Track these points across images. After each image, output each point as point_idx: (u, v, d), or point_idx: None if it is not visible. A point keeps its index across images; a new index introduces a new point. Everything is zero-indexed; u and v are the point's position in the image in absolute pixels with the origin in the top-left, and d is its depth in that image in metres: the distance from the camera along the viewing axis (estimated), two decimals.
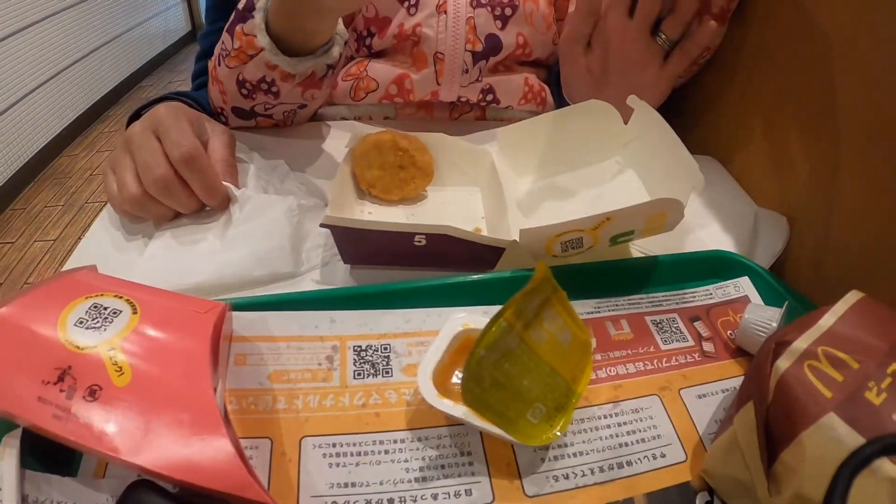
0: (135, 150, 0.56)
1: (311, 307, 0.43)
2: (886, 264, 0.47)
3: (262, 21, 0.60)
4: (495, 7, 0.72)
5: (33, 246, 2.82)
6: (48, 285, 0.37)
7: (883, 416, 0.28)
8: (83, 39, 3.85)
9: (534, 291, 0.35)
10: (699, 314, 0.48)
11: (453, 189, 0.60)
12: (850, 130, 0.51)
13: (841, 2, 0.52)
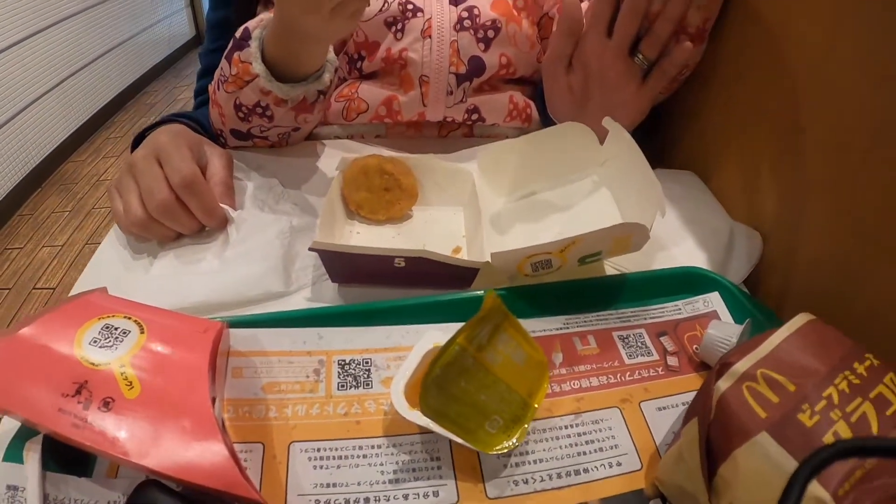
0: (138, 175, 0.60)
1: (301, 324, 0.47)
2: (852, 280, 0.50)
3: (258, 49, 0.64)
4: (478, 30, 0.74)
5: (41, 251, 2.85)
6: (64, 307, 0.41)
7: (813, 437, 0.31)
8: (88, 46, 3.87)
9: (485, 318, 0.39)
10: (666, 329, 0.51)
11: (437, 208, 0.64)
12: (817, 153, 0.54)
13: (810, 30, 0.55)
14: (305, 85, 0.66)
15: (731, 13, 0.67)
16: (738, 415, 0.33)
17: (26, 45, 3.31)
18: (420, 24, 0.73)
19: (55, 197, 3.29)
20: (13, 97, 3.18)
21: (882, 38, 0.46)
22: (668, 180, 0.70)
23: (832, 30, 0.52)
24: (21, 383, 0.36)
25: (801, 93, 0.56)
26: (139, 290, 0.51)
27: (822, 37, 0.53)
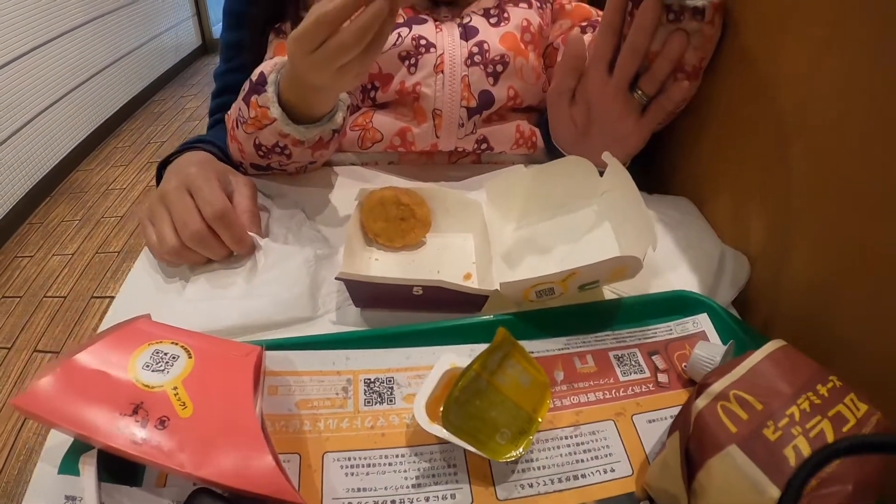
0: (171, 206, 0.66)
1: (330, 347, 0.53)
2: (830, 305, 0.55)
3: (274, 94, 0.68)
4: (488, 65, 0.79)
5: (51, 260, 2.89)
6: (114, 334, 0.46)
7: (776, 449, 0.36)
8: (96, 56, 3.92)
9: (496, 348, 0.45)
10: (658, 349, 0.56)
11: (449, 235, 0.69)
12: (801, 186, 0.58)
13: (795, 69, 0.59)
14: (320, 126, 0.71)
15: (725, 52, 0.70)
16: (712, 429, 0.38)
17: (36, 56, 3.35)
18: (433, 60, 0.77)
19: (65, 206, 3.33)
20: (23, 107, 3.23)
21: (862, 78, 0.50)
22: (665, 206, 0.76)
23: (815, 68, 0.56)
24: (80, 404, 0.41)
25: (786, 128, 0.60)
26: (175, 313, 0.56)
27: (806, 75, 0.57)
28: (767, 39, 0.63)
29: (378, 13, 0.56)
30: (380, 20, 0.57)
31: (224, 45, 0.99)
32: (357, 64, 0.60)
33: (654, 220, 0.59)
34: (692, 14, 0.66)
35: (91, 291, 2.65)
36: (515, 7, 0.83)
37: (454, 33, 0.79)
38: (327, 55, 0.58)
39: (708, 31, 0.68)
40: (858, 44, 0.50)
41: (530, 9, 0.83)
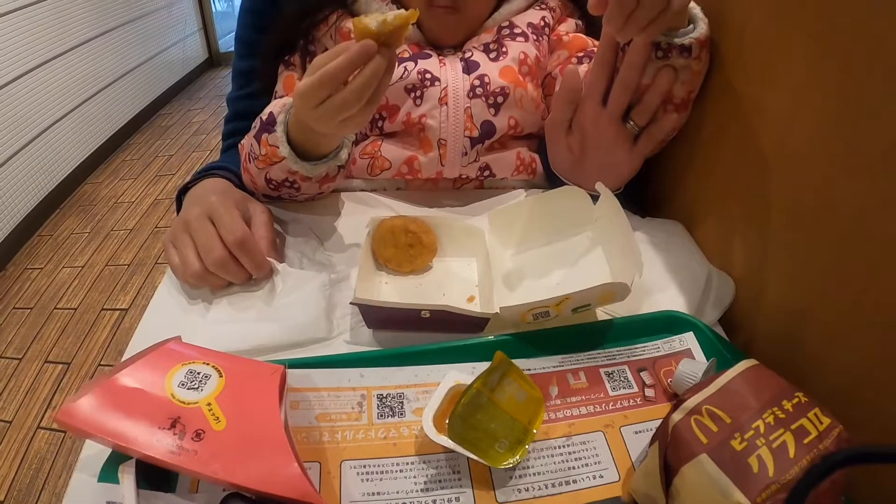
0: (194, 233, 0.71)
1: (345, 366, 0.58)
2: (804, 324, 0.59)
3: (283, 133, 0.74)
4: (489, 97, 0.83)
5: (62, 272, 2.93)
6: (150, 355, 0.52)
7: (741, 458, 0.41)
8: (105, 70, 3.98)
9: (495, 368, 0.51)
10: (646, 365, 0.61)
11: (453, 260, 0.74)
12: (779, 215, 0.63)
13: (775, 106, 0.63)
14: (326, 162, 0.77)
15: (712, 85, 0.75)
16: (686, 440, 0.43)
17: (46, 69, 3.40)
18: (437, 93, 0.82)
19: (74, 218, 3.37)
20: (34, 120, 3.28)
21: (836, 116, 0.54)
22: (657, 229, 0.81)
23: (795, 105, 0.60)
24: (121, 419, 0.46)
25: (767, 160, 0.64)
26: (201, 334, 0.62)
27: (787, 111, 0.61)
28: (751, 76, 0.67)
29: (376, 71, 0.62)
30: (378, 78, 0.63)
31: (236, 72, 1.05)
32: (358, 116, 0.66)
33: (640, 249, 0.63)
34: (679, 51, 0.70)
35: (101, 304, 2.69)
36: (513, 41, 0.87)
37: (457, 67, 0.84)
38: (331, 110, 0.64)
39: (695, 67, 0.72)
40: (833, 84, 0.54)
41: (527, 42, 0.87)
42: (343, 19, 0.88)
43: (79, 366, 2.38)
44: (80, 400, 0.47)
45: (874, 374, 0.51)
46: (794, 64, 0.59)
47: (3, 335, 2.58)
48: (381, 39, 0.61)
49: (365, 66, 0.62)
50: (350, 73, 0.62)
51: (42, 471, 2.00)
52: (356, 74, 0.62)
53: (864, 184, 0.51)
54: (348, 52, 0.61)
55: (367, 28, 0.60)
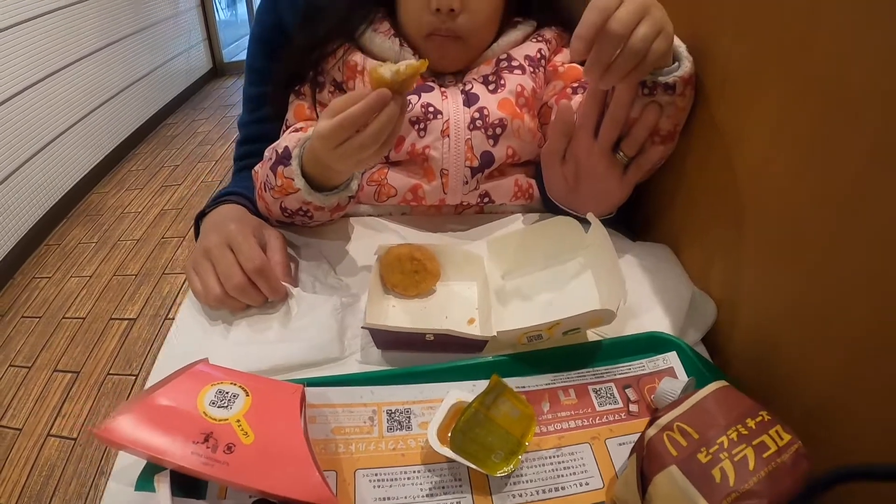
0: (214, 260, 0.77)
1: (358, 384, 0.65)
2: (779, 346, 0.64)
3: (298, 167, 0.79)
4: (488, 128, 0.88)
5: (69, 281, 2.97)
6: (182, 377, 0.57)
7: (705, 470, 0.46)
8: (111, 81, 4.04)
9: (491, 390, 0.57)
10: (631, 383, 0.66)
11: (455, 284, 0.79)
12: (755, 243, 0.67)
13: (754, 142, 0.67)
14: (338, 193, 0.83)
15: (696, 119, 0.79)
16: (658, 453, 0.49)
17: (53, 80, 3.45)
18: (440, 125, 0.87)
19: (81, 228, 3.42)
20: (41, 131, 3.33)
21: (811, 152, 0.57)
22: (646, 252, 0.86)
23: (771, 143, 0.63)
24: (158, 434, 0.52)
25: (744, 191, 0.69)
26: (224, 355, 0.67)
27: (764, 146, 0.65)
28: (733, 111, 0.71)
29: (391, 117, 0.69)
30: (393, 122, 0.70)
31: (246, 98, 1.11)
32: (374, 155, 0.73)
33: (629, 271, 0.69)
34: (664, 89, 0.74)
35: (109, 313, 2.74)
36: (511, 74, 0.92)
37: (458, 100, 0.89)
38: (350, 151, 0.71)
39: (679, 103, 0.76)
40: (806, 122, 0.58)
41: (524, 74, 0.92)
42: (350, 53, 0.93)
43: (87, 375, 2.42)
44: (119, 418, 0.53)
45: (837, 397, 0.56)
46: (772, 102, 0.63)
47: (12, 343, 2.63)
48: (394, 87, 0.68)
49: (381, 112, 0.69)
50: (368, 119, 0.69)
51: (52, 478, 2.04)
52: (372, 118, 0.69)
53: (833, 218, 0.55)
54: (366, 100, 0.68)
55: (382, 77, 0.67)
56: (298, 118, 0.98)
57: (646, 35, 0.67)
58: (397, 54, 0.91)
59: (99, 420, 2.22)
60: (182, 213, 3.49)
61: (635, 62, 0.68)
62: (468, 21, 0.88)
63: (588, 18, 0.66)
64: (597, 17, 0.65)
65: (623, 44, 0.67)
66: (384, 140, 0.71)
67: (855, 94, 0.51)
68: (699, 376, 0.64)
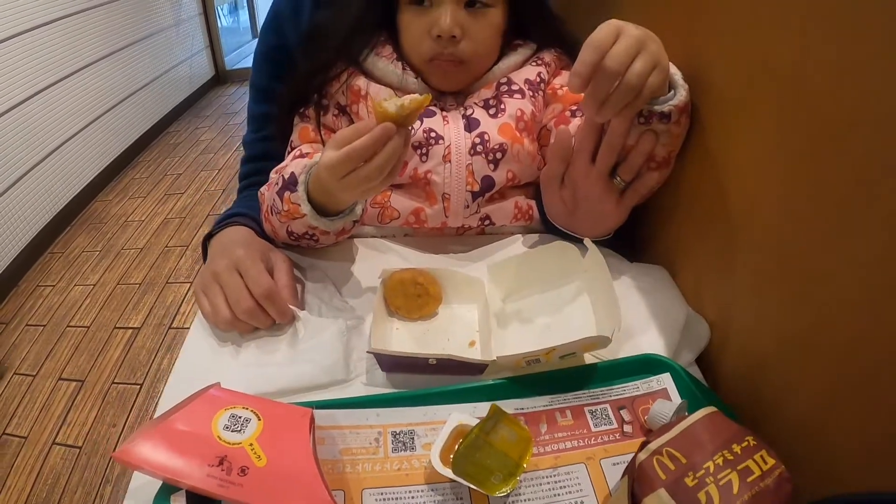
0: (224, 284, 0.80)
1: (364, 406, 0.67)
2: (766, 369, 0.67)
3: (304, 192, 0.81)
4: (488, 153, 0.90)
5: (74, 290, 2.99)
6: (195, 403, 0.60)
7: (692, 493, 0.49)
8: (114, 89, 4.08)
9: (490, 417, 0.60)
10: (625, 404, 0.69)
11: (457, 306, 0.82)
12: (749, 264, 0.69)
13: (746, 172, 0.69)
14: (343, 218, 0.85)
15: (691, 144, 0.81)
16: (648, 476, 0.51)
17: (58, 88, 3.49)
18: (441, 151, 0.90)
19: (85, 236, 3.44)
20: (45, 139, 3.36)
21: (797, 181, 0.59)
22: (642, 273, 0.88)
23: (762, 171, 0.66)
24: (175, 456, 0.55)
25: (736, 218, 0.71)
26: (235, 377, 0.70)
27: (756, 175, 0.67)
28: (726, 138, 0.73)
29: (395, 150, 0.72)
30: (397, 155, 0.73)
31: (251, 116, 1.14)
32: (378, 186, 0.76)
33: (625, 293, 0.72)
34: (660, 118, 0.76)
35: (114, 322, 2.76)
36: (511, 98, 0.94)
37: (459, 125, 0.92)
38: (355, 182, 0.74)
39: (675, 131, 0.78)
40: (796, 152, 0.59)
41: (524, 99, 0.95)
42: (354, 77, 0.95)
43: (92, 383, 2.45)
44: (138, 441, 0.56)
45: (822, 419, 0.59)
46: (764, 130, 0.65)
47: (17, 351, 2.65)
48: (398, 121, 0.71)
49: (385, 145, 0.71)
50: (373, 152, 0.72)
51: (58, 486, 2.07)
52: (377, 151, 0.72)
53: (819, 246, 0.57)
54: (371, 134, 0.71)
55: (386, 112, 0.70)
56: (303, 140, 1.00)
57: (641, 71, 0.69)
58: (400, 78, 0.94)
59: (104, 429, 2.25)
60: (185, 223, 3.52)
61: (630, 97, 0.71)
62: (469, 46, 0.90)
63: (585, 56, 0.68)
64: (593, 55, 0.68)
65: (619, 80, 0.69)
66: (388, 172, 0.74)
67: (842, 124, 0.53)
68: (692, 398, 0.67)
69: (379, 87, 0.94)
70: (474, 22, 0.90)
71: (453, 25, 0.87)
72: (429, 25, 0.89)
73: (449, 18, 0.87)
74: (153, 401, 2.35)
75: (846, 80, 0.53)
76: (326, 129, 1.00)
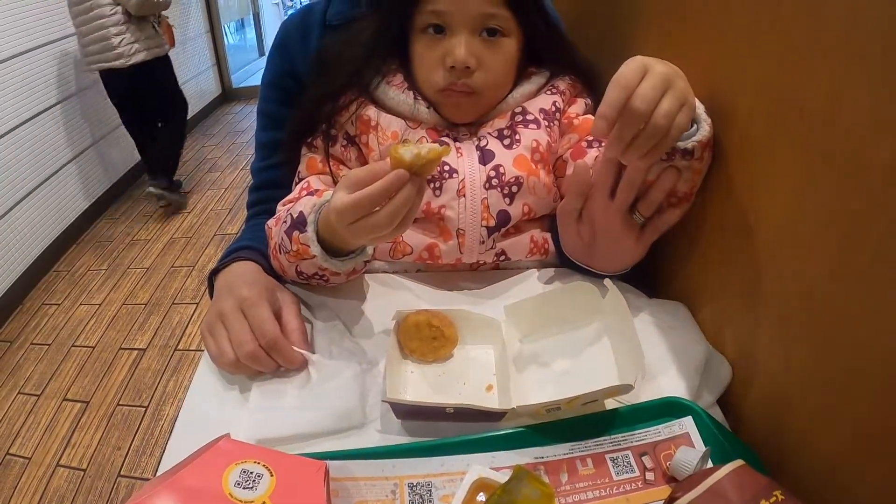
0: (228, 326, 0.78)
1: (379, 457, 0.65)
2: (790, 411, 0.65)
3: (314, 233, 0.79)
4: (503, 187, 0.88)
5: (79, 309, 3.00)
6: (204, 457, 0.58)
7: None
8: None
9: (514, 478, 0.58)
10: (647, 450, 0.67)
11: (472, 348, 0.80)
12: (773, 305, 0.67)
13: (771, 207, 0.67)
14: (353, 258, 0.83)
15: (714, 179, 0.79)
16: None
17: (66, 105, 3.53)
18: (455, 185, 0.88)
19: (90, 255, 3.46)
20: (52, 156, 3.42)
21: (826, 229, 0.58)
22: (662, 311, 0.86)
23: (788, 211, 0.64)
24: None
25: (759, 257, 0.69)
26: (243, 423, 0.69)
27: (781, 215, 0.65)
28: (751, 175, 0.71)
29: (407, 200, 0.69)
30: (408, 205, 0.70)
31: (259, 144, 1.11)
32: (389, 235, 0.73)
33: (645, 331, 0.71)
34: (682, 154, 0.74)
35: (119, 343, 2.76)
36: (526, 129, 0.93)
37: (473, 158, 0.90)
38: (364, 230, 0.71)
39: (697, 166, 0.76)
40: (826, 194, 0.58)
41: (539, 129, 0.93)
42: (364, 107, 0.94)
43: (97, 405, 2.44)
44: (145, 497, 0.54)
45: (848, 468, 0.57)
46: (791, 170, 0.63)
47: (21, 370, 2.66)
48: (412, 169, 0.68)
49: (397, 195, 0.69)
50: (384, 200, 0.69)
51: None
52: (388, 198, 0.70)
53: (848, 291, 0.55)
54: (383, 182, 0.68)
55: (402, 159, 0.67)
56: (311, 171, 0.98)
57: (668, 111, 0.67)
58: (412, 108, 0.92)
59: (109, 452, 2.24)
60: (192, 242, 3.52)
61: (658, 139, 0.69)
62: (483, 77, 0.89)
63: (611, 96, 0.66)
64: (620, 95, 0.66)
65: (646, 120, 0.67)
66: (400, 221, 0.71)
67: (876, 172, 0.52)
68: (714, 442, 0.65)
69: (390, 117, 0.93)
70: (489, 52, 0.89)
71: (468, 56, 0.86)
72: (443, 55, 0.88)
73: (464, 48, 0.86)
74: (158, 424, 2.34)
75: (880, 124, 0.52)
76: (335, 160, 0.98)
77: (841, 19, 0.55)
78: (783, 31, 0.64)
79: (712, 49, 0.79)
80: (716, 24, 0.78)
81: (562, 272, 0.96)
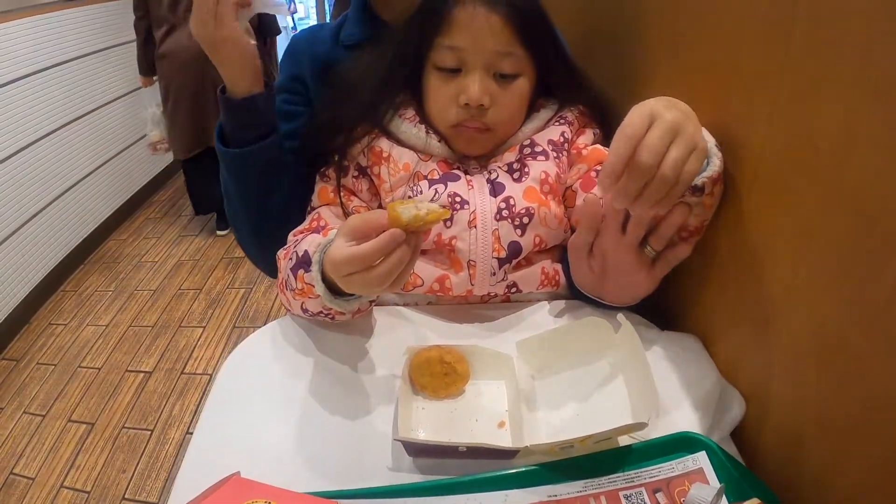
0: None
1: (391, 496, 0.65)
2: (805, 447, 0.65)
3: (318, 272, 0.77)
4: (514, 218, 0.88)
5: (85, 329, 3.00)
6: (214, 494, 0.58)
7: None
8: (130, 128, 4.13)
9: None
10: (661, 486, 0.66)
11: (484, 383, 0.80)
12: (786, 341, 0.67)
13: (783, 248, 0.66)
14: (358, 299, 0.81)
15: (724, 213, 0.78)
16: None
17: (73, 128, 3.55)
18: (466, 216, 0.88)
19: (98, 275, 3.46)
20: (61, 177, 3.43)
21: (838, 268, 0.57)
22: (674, 343, 0.86)
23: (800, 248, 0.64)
24: None
25: (772, 294, 0.69)
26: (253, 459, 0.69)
27: (792, 252, 0.65)
28: (763, 210, 0.71)
29: (402, 259, 0.69)
30: (403, 265, 0.69)
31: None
32: (384, 291, 0.73)
33: (657, 365, 0.70)
34: (692, 191, 0.73)
35: (125, 365, 2.75)
36: (534, 160, 0.93)
37: (484, 190, 0.91)
38: (359, 284, 0.71)
39: (707, 202, 0.76)
40: (839, 233, 0.57)
41: (548, 160, 0.94)
42: (376, 139, 0.95)
43: (102, 427, 2.43)
44: None
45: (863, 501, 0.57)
46: (805, 204, 0.63)
47: (27, 390, 2.65)
48: (409, 229, 0.68)
49: (392, 255, 0.68)
50: (379, 258, 0.68)
51: None
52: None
53: (863, 328, 0.55)
54: (378, 241, 0.68)
55: (399, 218, 0.67)
56: (322, 201, 0.99)
57: (677, 160, 0.66)
58: (424, 142, 0.93)
59: (114, 475, 2.23)
60: (199, 265, 3.52)
61: (667, 189, 0.68)
62: (497, 114, 0.90)
63: (617, 149, 0.66)
64: (626, 148, 0.65)
65: (653, 173, 0.66)
66: (395, 279, 0.71)
67: (891, 207, 0.51)
68: (728, 477, 0.65)
69: (402, 149, 0.94)
70: (503, 92, 0.89)
71: (482, 95, 0.87)
72: (457, 92, 0.89)
73: (478, 87, 0.87)
74: (164, 447, 2.33)
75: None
76: (346, 191, 0.99)
77: (855, 52, 0.55)
78: (796, 63, 0.63)
79: (725, 80, 0.78)
80: (728, 56, 0.77)
81: (573, 304, 0.95)
